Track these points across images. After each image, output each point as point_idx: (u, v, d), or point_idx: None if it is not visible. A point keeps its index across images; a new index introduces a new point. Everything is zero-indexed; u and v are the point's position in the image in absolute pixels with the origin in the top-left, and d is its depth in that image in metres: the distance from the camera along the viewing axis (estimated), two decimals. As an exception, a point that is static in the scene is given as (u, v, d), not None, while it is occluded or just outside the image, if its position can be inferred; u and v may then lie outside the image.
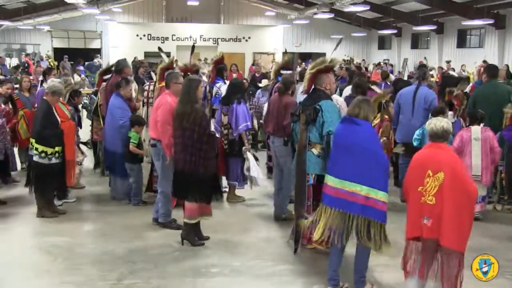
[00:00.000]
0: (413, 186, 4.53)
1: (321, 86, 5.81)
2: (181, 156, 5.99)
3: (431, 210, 4.38)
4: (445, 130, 4.53)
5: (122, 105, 7.72)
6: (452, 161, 4.44)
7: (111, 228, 6.80)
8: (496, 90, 8.30)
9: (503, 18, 22.59)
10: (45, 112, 6.95)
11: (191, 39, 31.48)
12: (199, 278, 5.37)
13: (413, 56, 29.42)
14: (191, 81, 6.20)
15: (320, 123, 5.55)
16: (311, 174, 5.65)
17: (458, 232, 4.32)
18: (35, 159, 6.93)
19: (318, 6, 24.33)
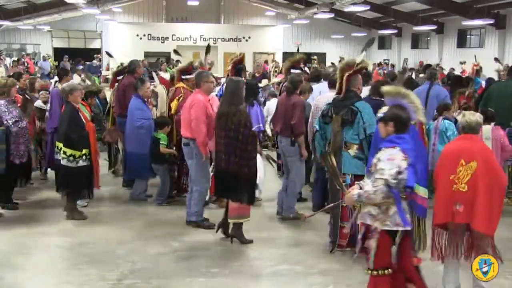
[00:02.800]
0: (445, 175, 4.73)
1: (354, 87, 5.93)
2: (225, 156, 6.04)
3: (463, 196, 4.59)
4: (479, 123, 4.82)
5: (140, 106, 7.74)
6: (484, 151, 4.73)
7: (112, 229, 6.80)
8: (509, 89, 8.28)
9: (503, 18, 22.57)
10: (71, 115, 6.90)
11: (191, 39, 31.54)
12: (199, 278, 5.37)
13: (413, 56, 29.43)
14: (236, 82, 6.30)
15: (361, 125, 5.69)
16: (347, 174, 5.76)
17: (489, 218, 4.54)
18: (63, 163, 6.86)
19: (318, 6, 24.32)
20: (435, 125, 7.43)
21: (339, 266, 5.69)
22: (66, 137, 6.84)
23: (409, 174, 4.09)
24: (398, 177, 4.03)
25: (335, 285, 5.25)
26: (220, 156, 6.13)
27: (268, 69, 22.00)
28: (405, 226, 4.13)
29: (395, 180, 4.02)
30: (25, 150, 7.42)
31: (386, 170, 4.02)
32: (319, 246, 6.26)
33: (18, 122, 7.21)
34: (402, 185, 4.08)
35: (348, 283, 5.31)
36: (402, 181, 4.06)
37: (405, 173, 4.06)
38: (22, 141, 7.32)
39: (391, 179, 4.01)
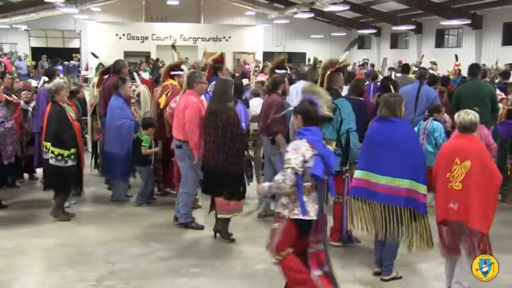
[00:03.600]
0: (441, 173, 4.86)
1: (336, 85, 6.04)
2: (213, 154, 6.08)
3: (458, 195, 4.72)
4: (473, 122, 4.86)
5: (121, 105, 7.70)
6: (479, 150, 4.80)
7: (91, 229, 6.74)
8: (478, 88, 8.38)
9: (480, 19, 22.89)
10: (59, 114, 6.85)
11: (171, 38, 31.32)
12: (180, 278, 5.35)
13: (392, 55, 29.64)
14: (225, 81, 6.39)
15: (338, 121, 5.77)
16: None
17: (483, 215, 4.65)
18: (51, 162, 6.80)
19: (298, 6, 24.39)
20: (424, 125, 7.54)
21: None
22: (54, 137, 6.78)
23: (315, 163, 4.28)
24: (304, 165, 4.25)
25: (316, 284, 5.26)
26: (209, 154, 6.16)
27: (250, 69, 21.98)
28: (303, 215, 4.30)
29: (301, 168, 4.23)
30: (13, 150, 7.39)
31: (292, 159, 4.25)
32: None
33: (4, 122, 7.15)
34: (308, 173, 4.27)
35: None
36: (308, 169, 4.27)
37: (311, 162, 4.27)
38: (9, 141, 7.30)
39: (298, 167, 4.22)
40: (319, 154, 4.30)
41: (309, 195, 4.35)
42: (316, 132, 4.42)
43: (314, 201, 4.37)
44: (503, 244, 5.93)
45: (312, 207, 4.36)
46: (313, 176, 4.30)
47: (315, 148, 4.31)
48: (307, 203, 4.33)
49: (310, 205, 4.35)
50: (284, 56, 9.44)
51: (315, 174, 4.27)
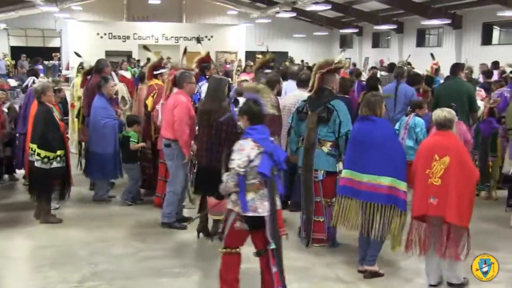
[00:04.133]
0: (421, 169, 4.97)
1: (328, 85, 6.05)
2: (207, 153, 6.03)
3: (437, 190, 4.84)
4: (448, 119, 4.98)
5: (105, 105, 7.67)
6: (457, 146, 4.95)
7: (74, 230, 6.70)
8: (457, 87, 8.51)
9: (459, 19, 23.14)
10: (46, 115, 6.75)
11: (152, 38, 31.24)
12: (164, 278, 5.34)
13: (374, 55, 29.83)
14: (219, 79, 6.37)
15: (337, 123, 5.82)
16: (320, 170, 5.91)
17: (461, 210, 4.79)
18: (37, 165, 6.68)
19: (280, 5, 24.43)
20: (406, 120, 7.61)
21: (302, 263, 5.75)
22: (41, 138, 6.68)
23: (262, 161, 4.35)
24: (250, 165, 4.34)
25: (298, 283, 5.30)
26: (202, 153, 6.13)
27: (232, 68, 21.98)
28: (243, 212, 4.40)
29: (243, 169, 4.33)
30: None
31: (236, 160, 4.37)
32: (283, 244, 6.29)
33: None
34: (254, 171, 4.35)
35: (312, 280, 5.37)
36: (254, 168, 4.35)
37: (257, 160, 4.35)
38: None
39: (239, 168, 4.34)
40: (265, 151, 4.38)
41: (258, 192, 4.43)
42: (262, 130, 4.50)
43: (263, 198, 4.44)
44: (483, 239, 6.03)
45: (261, 204, 4.43)
46: (260, 174, 4.37)
47: (261, 146, 4.39)
48: (255, 200, 4.41)
49: (258, 202, 4.42)
50: (270, 55, 9.50)
51: (261, 172, 4.35)
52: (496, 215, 7.47)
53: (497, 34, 22.89)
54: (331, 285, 5.27)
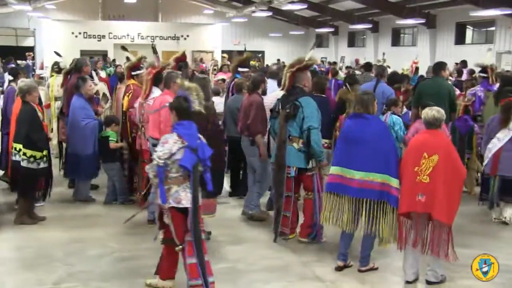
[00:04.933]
0: (409, 167, 5.05)
1: (300, 83, 6.11)
2: None
3: (425, 187, 4.93)
4: (436, 118, 5.07)
5: (84, 105, 7.61)
6: (445, 145, 5.05)
7: (50, 231, 6.62)
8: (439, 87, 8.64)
9: (433, 18, 23.45)
10: (31, 115, 6.67)
11: (128, 37, 31.04)
12: (140, 279, 5.30)
13: (350, 54, 30.07)
14: (203, 79, 6.45)
15: (301, 118, 5.86)
16: (292, 167, 5.96)
17: (448, 208, 4.90)
18: (23, 164, 6.58)
19: (256, 5, 24.45)
20: (383, 119, 7.68)
21: (280, 262, 5.76)
22: (26, 138, 6.60)
23: (184, 155, 4.56)
24: (172, 158, 4.56)
25: (276, 282, 5.32)
26: None
27: (207, 67, 21.93)
28: (163, 203, 4.61)
29: (163, 161, 4.55)
30: None
31: (157, 152, 4.60)
32: (261, 243, 6.33)
33: None
34: (177, 165, 4.57)
35: (289, 279, 5.39)
36: (176, 161, 4.57)
37: (179, 154, 4.56)
38: None
39: (159, 159, 4.56)
40: (189, 146, 4.58)
41: (181, 185, 4.63)
42: (188, 126, 4.69)
43: (187, 190, 4.63)
44: (462, 234, 6.12)
45: (185, 196, 4.62)
46: (182, 167, 4.57)
47: (185, 141, 4.59)
48: (179, 192, 4.62)
49: (182, 194, 4.62)
50: (248, 54, 9.56)
51: (183, 166, 4.56)
52: (469, 210, 7.57)
53: (470, 33, 23.26)
54: (308, 284, 5.29)
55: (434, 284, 5.18)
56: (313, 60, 6.35)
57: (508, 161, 6.95)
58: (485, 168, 7.19)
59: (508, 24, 19.61)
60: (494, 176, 7.09)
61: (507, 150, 6.95)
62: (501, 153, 6.97)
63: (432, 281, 5.17)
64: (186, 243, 4.69)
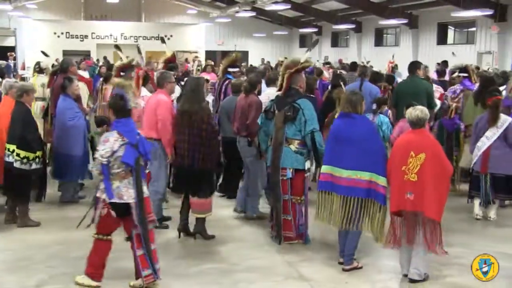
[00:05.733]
0: (397, 166, 5.16)
1: (296, 85, 6.12)
2: (189, 153, 6.10)
3: (414, 186, 5.04)
4: (419, 118, 5.17)
5: (71, 105, 7.57)
6: (432, 143, 5.17)
7: (31, 233, 6.54)
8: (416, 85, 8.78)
9: (416, 18, 23.64)
10: (26, 115, 6.61)
11: (111, 37, 30.87)
12: (123, 280, 5.25)
13: (333, 54, 30.17)
14: (197, 79, 6.52)
15: (302, 121, 5.88)
16: (288, 168, 5.96)
17: (437, 204, 5.03)
18: (16, 165, 6.50)
19: (240, 5, 24.47)
20: (371, 118, 7.72)
21: (265, 262, 5.76)
22: (20, 139, 6.51)
23: (126, 152, 4.73)
24: (114, 155, 4.71)
25: (261, 282, 5.31)
26: (183, 154, 6.16)
27: (189, 68, 21.86)
28: (109, 198, 4.76)
29: (106, 159, 4.70)
30: None
31: (100, 150, 4.74)
32: (245, 243, 6.32)
33: None
34: (119, 161, 4.73)
35: (274, 279, 5.38)
36: (118, 158, 4.72)
37: (120, 151, 4.72)
38: None
39: (101, 158, 4.72)
40: (129, 143, 4.74)
41: (123, 181, 4.77)
42: (126, 123, 4.83)
43: (128, 186, 4.77)
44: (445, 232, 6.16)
45: (127, 192, 4.76)
46: (124, 163, 4.72)
47: (126, 138, 4.74)
48: (121, 188, 4.76)
49: (124, 190, 4.76)
50: (236, 54, 9.57)
51: (125, 162, 4.72)
52: (452, 207, 7.62)
53: (452, 34, 23.48)
54: (293, 284, 5.29)
55: (417, 282, 5.21)
56: (309, 61, 6.39)
57: (497, 159, 7.08)
58: (475, 166, 7.30)
59: (489, 25, 19.83)
60: (484, 174, 7.20)
61: (496, 148, 7.09)
62: (490, 151, 7.11)
63: (415, 279, 5.21)
64: (134, 236, 4.86)
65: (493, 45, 19.98)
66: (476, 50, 20.77)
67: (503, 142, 7.07)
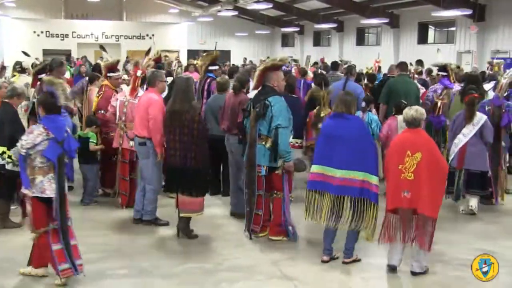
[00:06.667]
0: (393, 165, 5.26)
1: (269, 83, 6.15)
2: (181, 152, 6.12)
3: (410, 184, 5.15)
4: (414, 118, 5.28)
5: None
6: (427, 142, 5.27)
7: (12, 234, 6.46)
8: (407, 85, 9.05)
9: (397, 18, 23.81)
10: (13, 116, 6.53)
11: (92, 36, 30.65)
12: (106, 280, 5.25)
13: (315, 53, 30.26)
14: (187, 79, 6.54)
15: (270, 117, 5.91)
16: (263, 165, 6.00)
17: (433, 202, 5.15)
18: (8, 167, 6.42)
19: (222, 4, 24.43)
20: (361, 116, 7.81)
21: (248, 261, 5.76)
22: (11, 139, 6.31)
23: (48, 147, 4.86)
24: (35, 148, 4.84)
25: (244, 281, 5.31)
26: (174, 153, 6.18)
27: (171, 67, 21.77)
28: (26, 188, 4.89)
29: (25, 150, 4.84)
30: None
31: (22, 141, 4.88)
32: (229, 242, 6.31)
33: None
34: (39, 155, 4.86)
35: (256, 278, 5.39)
36: (39, 152, 4.86)
37: (42, 145, 4.85)
38: None
39: (21, 148, 4.85)
40: (54, 139, 4.86)
41: (46, 176, 4.89)
42: (54, 119, 4.96)
43: (51, 181, 4.90)
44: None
45: (49, 186, 4.89)
46: (45, 158, 4.85)
47: (51, 134, 4.87)
48: (44, 183, 4.89)
49: (47, 184, 4.89)
50: (216, 53, 9.62)
51: (46, 156, 4.85)
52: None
53: (432, 33, 23.70)
54: (276, 283, 5.30)
55: (418, 275, 5.35)
56: (283, 60, 6.42)
57: (473, 156, 7.29)
58: (452, 163, 7.44)
59: (468, 25, 20.06)
60: (460, 169, 7.40)
61: (472, 145, 7.29)
62: (467, 148, 7.30)
63: (417, 271, 5.35)
64: (50, 231, 4.96)
65: (472, 45, 20.22)
66: (456, 50, 21.01)
67: (479, 139, 7.29)
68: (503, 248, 6.14)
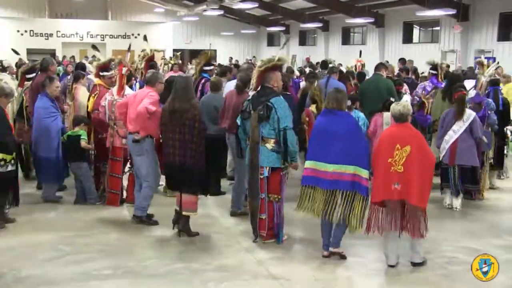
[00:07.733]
0: (383, 158, 5.42)
1: (269, 83, 6.13)
2: (180, 151, 6.13)
3: (400, 176, 5.31)
4: (401, 113, 5.47)
5: (46, 104, 7.48)
6: (416, 136, 5.47)
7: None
8: (377, 83, 9.25)
9: (382, 17, 23.93)
10: (2, 117, 6.48)
11: (77, 35, 30.44)
12: (91, 282, 5.21)
13: (301, 52, 30.31)
14: (186, 78, 6.67)
15: (275, 120, 5.92)
16: (265, 167, 5.99)
17: (422, 193, 5.32)
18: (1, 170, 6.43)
19: (208, 3, 24.38)
20: None
21: (235, 261, 5.76)
22: None
23: None
24: None
25: (231, 281, 5.30)
26: (174, 151, 6.18)
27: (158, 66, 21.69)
28: None
29: None
30: None
31: None
32: (217, 242, 6.31)
33: None
34: None
35: (243, 278, 5.38)
36: None
37: None
38: None
39: None
40: None
41: None
42: None
43: None
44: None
45: None
46: None
47: None
48: None
49: None
50: (210, 52, 9.67)
51: None
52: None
53: (417, 33, 23.84)
54: (262, 282, 5.30)
55: (419, 265, 5.50)
56: (283, 60, 6.41)
57: (464, 152, 7.48)
58: (443, 159, 7.63)
59: (452, 24, 20.22)
60: (452, 166, 7.57)
61: (463, 141, 7.47)
62: (458, 144, 7.48)
63: (417, 262, 5.50)
64: None
65: (456, 44, 20.38)
66: (441, 49, 21.15)
67: (469, 135, 7.45)
68: (488, 246, 6.18)
